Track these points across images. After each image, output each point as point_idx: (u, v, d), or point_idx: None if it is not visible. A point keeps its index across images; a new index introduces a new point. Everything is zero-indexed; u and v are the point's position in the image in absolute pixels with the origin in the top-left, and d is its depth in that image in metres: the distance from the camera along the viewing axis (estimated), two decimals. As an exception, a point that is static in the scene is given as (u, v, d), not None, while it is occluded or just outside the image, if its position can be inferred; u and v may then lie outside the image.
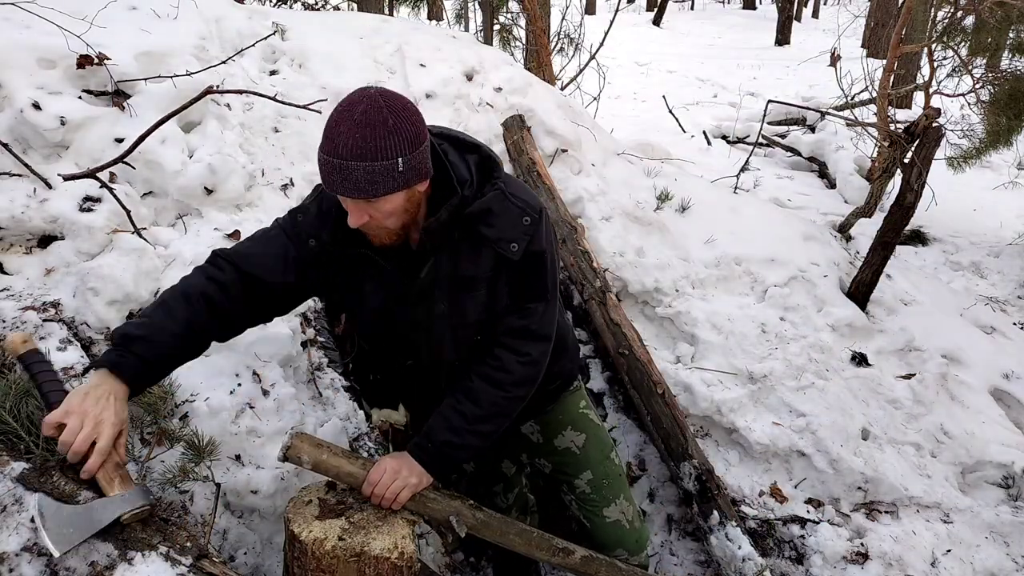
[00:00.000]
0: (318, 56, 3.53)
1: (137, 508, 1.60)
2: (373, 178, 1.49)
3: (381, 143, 1.48)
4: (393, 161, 1.49)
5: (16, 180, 2.44)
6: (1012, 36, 5.22)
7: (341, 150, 1.48)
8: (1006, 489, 3.00)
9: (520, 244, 1.69)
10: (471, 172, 1.69)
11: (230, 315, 1.76)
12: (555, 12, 8.51)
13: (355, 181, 1.49)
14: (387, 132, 1.48)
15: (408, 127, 1.51)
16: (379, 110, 1.48)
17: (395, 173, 1.50)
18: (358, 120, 1.47)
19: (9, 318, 2.16)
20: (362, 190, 1.51)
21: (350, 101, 1.51)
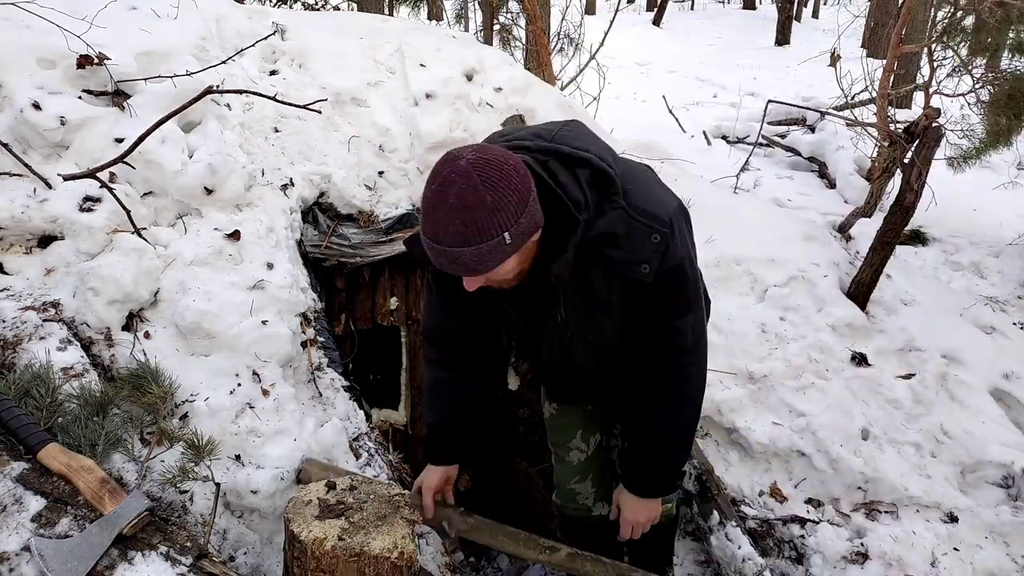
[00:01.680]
0: (318, 56, 3.53)
1: (134, 518, 1.60)
2: (481, 258, 1.41)
3: (484, 225, 1.37)
4: (499, 238, 1.39)
5: (16, 180, 2.44)
6: (1012, 36, 5.22)
7: (443, 238, 1.40)
8: (1006, 489, 3.00)
9: (652, 265, 1.57)
10: (584, 191, 1.54)
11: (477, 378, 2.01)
12: (555, 12, 8.51)
13: (464, 263, 1.42)
14: (487, 212, 1.36)
15: (510, 197, 1.38)
16: (474, 189, 1.35)
17: (503, 247, 1.41)
18: (453, 205, 1.36)
19: (9, 318, 2.16)
20: (472, 270, 1.45)
21: (443, 180, 1.38)
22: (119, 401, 2.04)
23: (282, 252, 2.72)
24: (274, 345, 2.45)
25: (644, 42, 16.62)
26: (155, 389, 2.07)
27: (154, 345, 2.33)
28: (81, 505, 1.64)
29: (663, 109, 9.83)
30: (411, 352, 3.48)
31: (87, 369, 2.12)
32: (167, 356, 2.32)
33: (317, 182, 3.09)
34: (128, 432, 1.99)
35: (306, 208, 3.07)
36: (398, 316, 3.42)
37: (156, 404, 2.07)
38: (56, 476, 1.69)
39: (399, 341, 3.47)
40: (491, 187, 1.36)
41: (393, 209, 3.20)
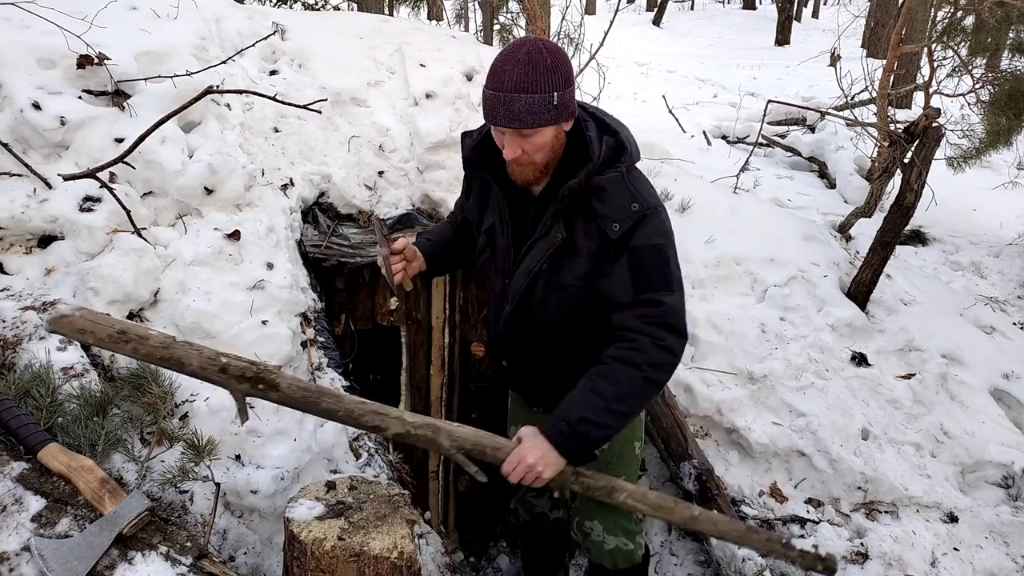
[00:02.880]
0: (318, 56, 3.53)
1: (134, 518, 1.60)
2: (532, 108, 1.68)
3: (541, 79, 1.68)
4: (549, 95, 1.68)
5: (16, 180, 2.44)
6: (1012, 36, 5.22)
7: (507, 84, 1.69)
8: (1006, 489, 3.00)
9: (622, 226, 1.78)
10: (602, 149, 1.81)
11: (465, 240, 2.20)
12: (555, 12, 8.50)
13: (516, 111, 1.69)
14: (546, 69, 1.68)
15: (563, 67, 1.71)
16: (539, 51, 1.69)
17: (550, 106, 1.69)
18: (522, 59, 1.69)
19: (9, 318, 2.16)
20: (522, 120, 1.70)
21: (514, 45, 1.74)
22: (119, 401, 2.04)
23: (282, 252, 2.72)
24: (274, 345, 2.45)
25: (644, 42, 16.62)
26: (155, 389, 2.08)
27: (154, 345, 2.33)
28: (81, 505, 1.64)
29: (663, 109, 9.83)
30: (411, 352, 3.48)
31: (87, 369, 2.12)
32: (167, 356, 2.32)
33: (317, 182, 3.09)
34: (128, 432, 1.99)
35: (306, 208, 3.07)
36: (398, 316, 3.41)
37: (156, 404, 2.07)
38: (56, 476, 1.69)
39: (399, 341, 3.47)
40: (551, 54, 1.70)
41: (393, 209, 3.20)
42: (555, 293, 1.91)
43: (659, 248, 1.81)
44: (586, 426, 1.78)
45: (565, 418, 1.79)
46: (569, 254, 1.86)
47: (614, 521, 2.16)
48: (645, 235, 1.79)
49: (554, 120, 1.72)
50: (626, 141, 1.85)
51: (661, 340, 1.79)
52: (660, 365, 1.80)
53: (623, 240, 1.79)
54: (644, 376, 1.79)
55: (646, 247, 1.80)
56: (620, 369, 1.79)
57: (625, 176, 1.81)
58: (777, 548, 1.94)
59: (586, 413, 1.78)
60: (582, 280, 1.87)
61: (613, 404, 1.78)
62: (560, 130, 1.79)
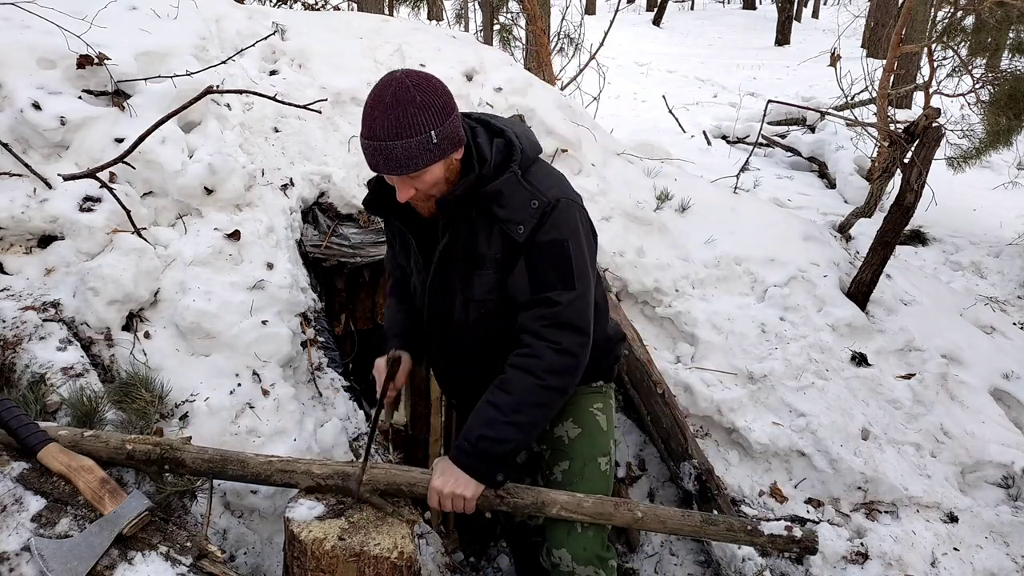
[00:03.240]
0: (318, 56, 3.53)
1: (135, 518, 1.60)
2: (411, 153, 1.61)
3: (414, 120, 1.60)
4: (427, 135, 1.61)
5: (16, 180, 2.44)
6: (1012, 36, 5.22)
7: (378, 132, 1.61)
8: (1006, 489, 3.00)
9: (526, 227, 1.73)
10: (492, 153, 1.76)
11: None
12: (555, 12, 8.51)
13: (395, 159, 1.62)
14: (416, 109, 1.60)
15: (436, 100, 1.64)
16: (407, 89, 1.61)
17: (430, 146, 1.62)
18: (389, 102, 1.61)
19: (9, 318, 2.16)
20: (403, 166, 1.63)
21: (380, 86, 1.65)
22: (105, 410, 2.02)
23: (282, 252, 2.72)
24: (274, 345, 2.45)
25: (644, 42, 16.62)
26: (144, 395, 2.06)
27: (154, 345, 2.33)
28: (81, 505, 1.64)
29: (663, 109, 9.83)
30: (411, 352, 3.47)
31: (87, 369, 2.12)
32: (167, 356, 2.32)
33: (317, 182, 3.09)
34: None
35: (306, 208, 3.06)
36: (398, 316, 3.41)
37: (146, 409, 2.06)
38: (56, 476, 1.69)
39: (399, 341, 3.47)
40: (420, 90, 1.62)
41: (393, 209, 3.20)
42: (474, 309, 1.87)
43: (559, 244, 1.75)
44: (486, 443, 1.74)
45: (467, 437, 1.76)
46: (478, 268, 1.82)
47: (583, 548, 1.91)
48: (546, 231, 1.74)
49: (439, 157, 1.65)
50: (514, 138, 1.78)
51: (557, 344, 1.74)
52: (558, 371, 1.75)
53: (528, 239, 1.74)
54: (541, 384, 1.74)
55: (545, 243, 1.74)
56: (516, 377, 1.75)
57: (519, 176, 1.75)
58: (742, 538, 1.83)
59: (484, 430, 1.74)
60: (495, 292, 1.82)
61: (511, 416, 1.73)
62: (450, 160, 1.71)
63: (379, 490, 1.79)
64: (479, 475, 1.76)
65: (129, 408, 2.06)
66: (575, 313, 1.76)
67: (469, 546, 2.96)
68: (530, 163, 1.81)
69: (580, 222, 1.82)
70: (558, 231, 1.74)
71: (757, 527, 1.82)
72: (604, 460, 2.05)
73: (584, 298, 1.79)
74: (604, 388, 2.11)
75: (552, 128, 3.65)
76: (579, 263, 1.78)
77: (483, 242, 1.79)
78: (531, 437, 1.82)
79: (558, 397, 1.80)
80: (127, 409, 2.06)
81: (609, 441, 2.09)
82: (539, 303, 1.76)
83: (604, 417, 2.09)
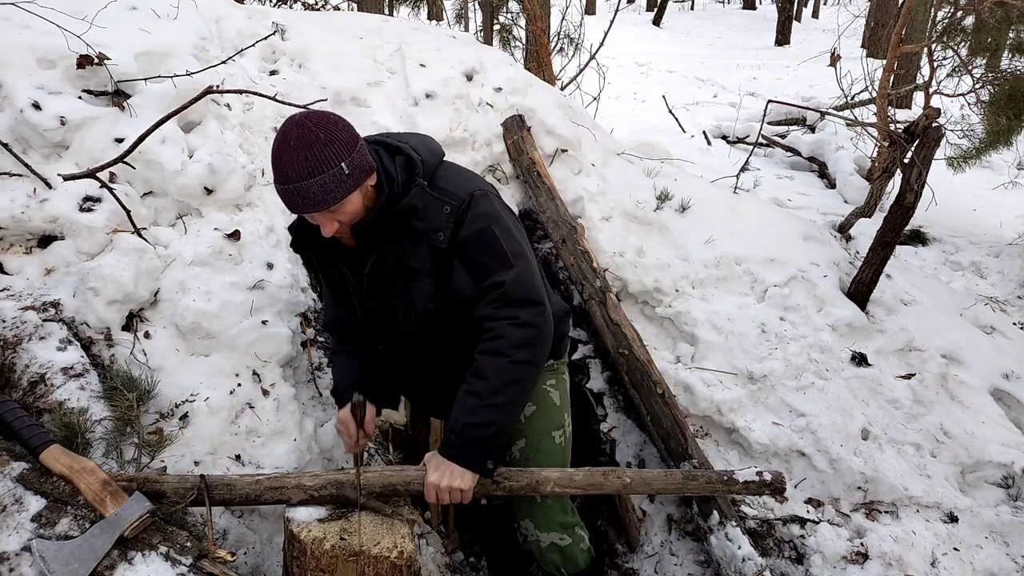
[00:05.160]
0: (318, 56, 3.53)
1: (136, 520, 1.60)
2: (326, 187, 1.67)
3: (322, 156, 1.66)
4: (338, 168, 1.67)
5: (16, 180, 2.44)
6: (1012, 36, 5.22)
7: (291, 175, 1.66)
8: (1006, 489, 3.00)
9: (445, 232, 1.82)
10: (396, 171, 1.83)
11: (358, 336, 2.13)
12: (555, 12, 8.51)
13: (312, 197, 1.68)
14: (322, 145, 1.66)
15: (339, 133, 1.70)
16: (308, 129, 1.67)
17: (343, 177, 1.69)
18: (295, 145, 1.66)
19: (9, 318, 2.16)
20: (321, 202, 1.69)
21: (282, 132, 1.69)
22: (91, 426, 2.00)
23: (282, 252, 2.72)
24: (274, 345, 2.45)
25: (644, 42, 16.62)
26: (121, 400, 2.04)
27: (154, 345, 2.33)
28: (81, 505, 1.64)
29: (663, 109, 9.83)
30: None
31: (87, 369, 2.12)
32: (167, 356, 2.32)
33: (317, 182, 3.09)
34: (120, 439, 1.98)
35: (306, 208, 3.06)
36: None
37: (127, 415, 2.04)
38: (57, 477, 1.69)
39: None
40: (322, 128, 1.68)
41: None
42: (416, 319, 1.94)
43: (483, 232, 1.82)
44: (472, 430, 1.77)
45: (452, 429, 1.80)
46: (412, 280, 1.89)
47: (544, 516, 2.06)
48: (468, 225, 1.82)
49: (354, 186, 1.72)
50: (412, 152, 1.86)
51: (515, 318, 1.79)
52: (523, 343, 1.79)
53: (452, 241, 1.82)
54: (510, 360, 1.78)
55: (470, 236, 1.82)
56: (486, 362, 1.79)
57: (426, 188, 1.82)
58: (720, 488, 2.00)
59: (468, 418, 1.78)
60: (435, 301, 1.89)
61: (490, 399, 1.77)
62: (365, 188, 1.78)
63: (375, 493, 1.80)
64: (470, 463, 1.80)
65: (115, 414, 2.04)
66: (522, 287, 1.82)
67: (469, 546, 2.96)
68: (434, 169, 1.89)
69: (499, 207, 1.89)
70: (479, 222, 1.82)
71: (732, 476, 1.98)
72: (558, 433, 2.14)
73: (527, 271, 1.85)
74: (555, 365, 2.18)
75: (552, 128, 3.65)
76: (510, 243, 1.85)
77: (411, 256, 1.86)
78: (514, 416, 1.87)
79: (531, 370, 1.84)
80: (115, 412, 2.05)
81: (563, 416, 2.17)
82: (486, 290, 1.82)
83: (557, 393, 2.17)
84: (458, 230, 1.82)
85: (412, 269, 1.87)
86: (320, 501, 1.79)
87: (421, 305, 1.91)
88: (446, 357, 1.99)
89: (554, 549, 2.06)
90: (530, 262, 1.88)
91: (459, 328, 1.91)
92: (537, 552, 2.09)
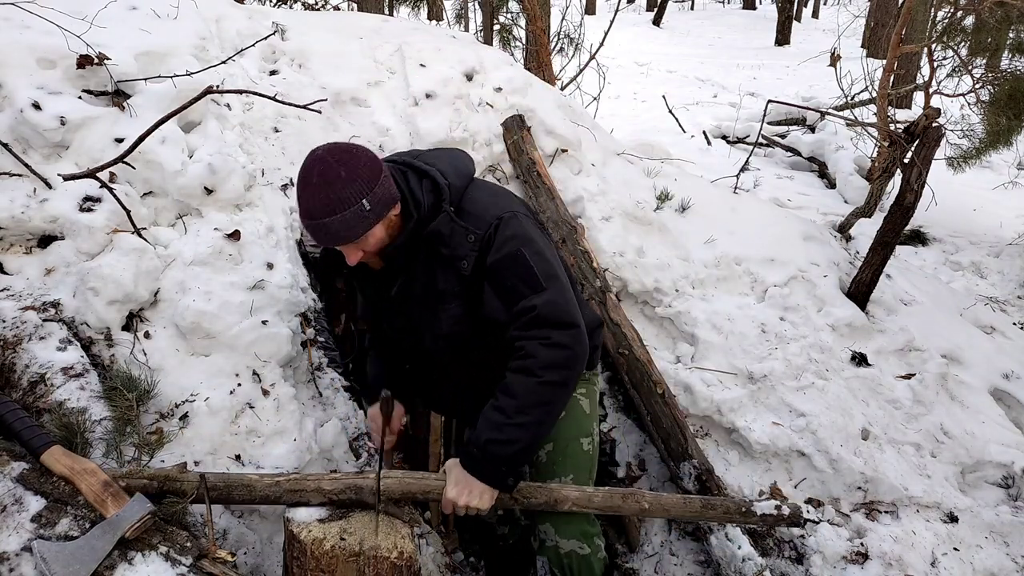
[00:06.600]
0: (318, 56, 3.52)
1: (137, 522, 1.60)
2: (348, 225, 1.71)
3: (343, 194, 1.68)
4: (359, 205, 1.70)
5: (16, 180, 2.44)
6: (1012, 36, 5.22)
7: (313, 212, 1.70)
8: (1006, 489, 3.00)
9: (469, 261, 1.82)
10: (424, 196, 1.84)
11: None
12: (555, 12, 8.50)
13: (334, 233, 1.72)
14: (343, 183, 1.68)
15: (361, 171, 1.71)
16: (330, 167, 1.68)
17: (365, 213, 1.71)
18: (316, 183, 1.68)
19: (9, 318, 2.16)
20: (343, 237, 1.73)
21: (305, 168, 1.71)
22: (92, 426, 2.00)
23: (282, 252, 2.72)
24: (274, 345, 2.45)
25: (644, 42, 16.62)
26: (120, 400, 2.04)
27: (154, 345, 2.33)
28: (81, 505, 1.64)
29: (663, 109, 9.83)
30: (411, 352, 3.48)
31: (87, 369, 2.12)
32: (167, 356, 2.32)
33: (317, 182, 3.09)
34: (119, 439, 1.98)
35: (306, 208, 3.06)
36: (398, 316, 3.41)
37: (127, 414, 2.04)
38: (57, 477, 1.69)
39: (399, 341, 3.47)
40: (343, 164, 1.69)
41: (393, 209, 3.20)
42: (444, 341, 1.95)
43: (513, 256, 1.80)
44: (495, 446, 1.77)
45: (475, 442, 1.80)
46: (440, 303, 1.89)
47: (567, 523, 2.02)
48: (494, 251, 1.81)
49: (376, 221, 1.75)
50: (439, 176, 1.85)
51: (547, 338, 1.77)
52: (553, 364, 1.77)
53: (478, 269, 1.82)
54: (539, 380, 1.76)
55: (499, 261, 1.80)
56: (515, 380, 1.78)
57: (452, 215, 1.83)
58: (737, 518, 2.01)
59: (491, 434, 1.77)
60: (462, 323, 1.90)
61: (516, 417, 1.76)
62: (388, 219, 1.80)
63: (394, 499, 1.81)
64: (490, 479, 1.80)
65: (114, 414, 2.04)
66: (555, 310, 1.80)
67: (469, 546, 2.96)
68: (461, 193, 1.89)
69: (529, 228, 1.87)
70: (508, 245, 1.81)
71: (751, 508, 1.99)
72: (586, 440, 2.13)
73: (560, 293, 1.82)
74: (587, 375, 2.17)
75: (552, 128, 3.65)
76: (541, 265, 1.82)
77: (440, 279, 1.87)
78: (540, 436, 1.84)
79: (562, 392, 1.82)
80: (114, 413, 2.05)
81: (592, 423, 2.16)
82: (519, 314, 1.80)
83: (587, 401, 2.16)
84: (484, 257, 1.82)
85: (440, 292, 1.88)
86: (340, 504, 1.80)
87: (449, 328, 1.92)
88: (473, 372, 2.00)
89: (573, 556, 2.03)
90: (563, 283, 1.85)
91: (489, 347, 1.91)
92: (554, 557, 2.05)
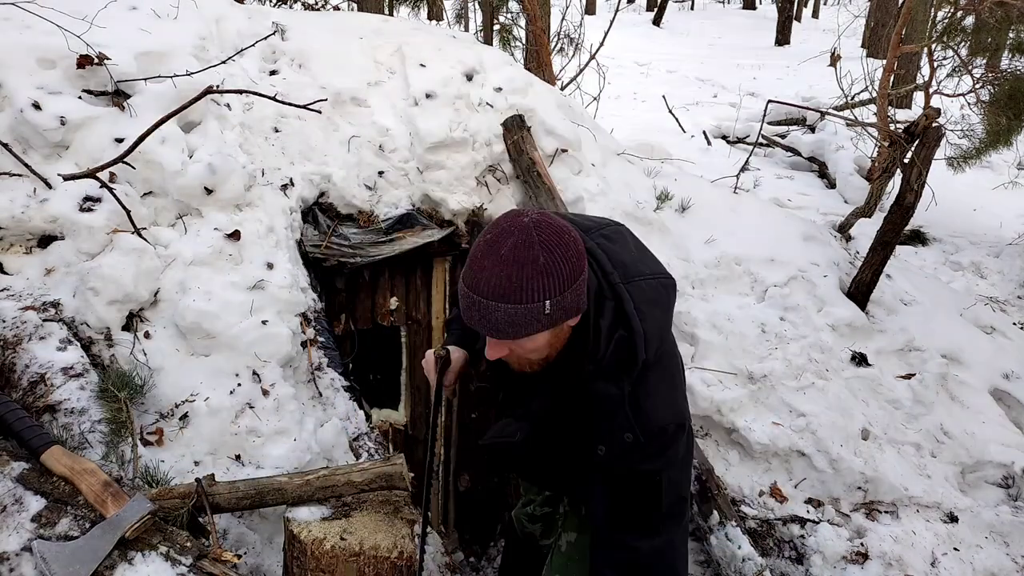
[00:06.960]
0: (318, 56, 3.52)
1: (137, 522, 1.60)
2: (515, 320, 1.34)
3: (528, 284, 1.31)
4: (540, 304, 1.33)
5: (16, 180, 2.44)
6: (1012, 36, 5.22)
7: (483, 287, 1.33)
8: (1006, 489, 3.00)
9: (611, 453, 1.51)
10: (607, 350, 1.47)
11: None
12: (555, 12, 8.50)
13: (495, 323, 1.35)
14: (536, 272, 1.31)
15: (562, 266, 1.33)
16: (530, 246, 1.31)
17: (540, 316, 1.34)
18: (505, 256, 1.32)
19: (9, 318, 2.16)
20: (502, 332, 1.37)
21: (500, 230, 1.35)
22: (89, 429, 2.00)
23: (282, 252, 2.72)
24: (274, 345, 2.45)
25: (644, 42, 16.62)
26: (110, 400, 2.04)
27: (154, 345, 2.33)
28: (81, 505, 1.64)
29: (663, 109, 9.83)
30: (411, 352, 3.48)
31: (87, 369, 2.12)
32: (167, 356, 2.32)
33: (317, 182, 3.09)
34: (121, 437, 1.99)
35: (306, 208, 3.07)
36: (398, 316, 3.42)
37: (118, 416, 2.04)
38: (57, 477, 1.69)
39: (399, 341, 3.48)
40: (547, 249, 1.32)
41: (393, 209, 3.20)
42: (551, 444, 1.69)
43: (647, 478, 1.50)
44: None
45: None
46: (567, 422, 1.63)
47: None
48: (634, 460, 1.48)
49: (547, 327, 1.37)
50: (638, 342, 1.45)
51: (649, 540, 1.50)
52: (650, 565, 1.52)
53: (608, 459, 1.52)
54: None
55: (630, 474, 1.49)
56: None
57: (626, 396, 1.48)
58: None
59: None
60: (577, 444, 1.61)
61: None
62: (561, 328, 1.43)
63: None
64: None
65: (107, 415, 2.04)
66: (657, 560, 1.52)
67: (469, 546, 2.96)
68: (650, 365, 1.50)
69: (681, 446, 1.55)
70: (651, 463, 1.49)
71: None
72: None
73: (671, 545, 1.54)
74: None
75: (552, 128, 3.65)
76: (671, 497, 1.52)
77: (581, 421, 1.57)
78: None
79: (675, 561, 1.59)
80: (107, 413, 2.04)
81: None
82: (612, 544, 1.53)
83: None
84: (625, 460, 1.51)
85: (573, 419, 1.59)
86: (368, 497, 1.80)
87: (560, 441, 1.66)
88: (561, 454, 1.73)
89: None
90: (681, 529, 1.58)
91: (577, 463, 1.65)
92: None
